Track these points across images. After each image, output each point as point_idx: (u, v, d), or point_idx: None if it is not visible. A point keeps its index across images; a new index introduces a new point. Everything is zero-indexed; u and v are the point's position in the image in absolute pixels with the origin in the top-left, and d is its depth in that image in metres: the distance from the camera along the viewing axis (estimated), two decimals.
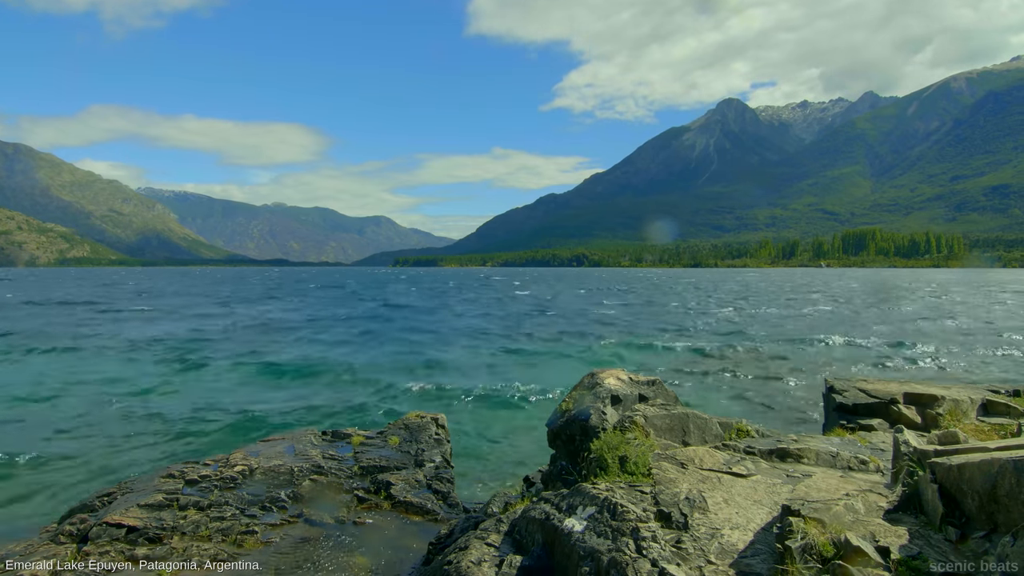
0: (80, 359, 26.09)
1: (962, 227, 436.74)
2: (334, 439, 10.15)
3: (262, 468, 8.50)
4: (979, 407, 7.50)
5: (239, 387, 20.92)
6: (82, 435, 14.80)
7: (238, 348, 29.38)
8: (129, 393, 19.36)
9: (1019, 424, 6.29)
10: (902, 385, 8.01)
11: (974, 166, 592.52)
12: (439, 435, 10.35)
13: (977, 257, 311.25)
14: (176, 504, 7.35)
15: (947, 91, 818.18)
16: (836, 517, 3.83)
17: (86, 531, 6.82)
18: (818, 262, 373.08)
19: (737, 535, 4.12)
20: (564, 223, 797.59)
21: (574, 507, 4.48)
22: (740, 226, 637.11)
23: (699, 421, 6.11)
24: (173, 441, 14.54)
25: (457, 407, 18.06)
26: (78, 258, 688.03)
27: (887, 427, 7.22)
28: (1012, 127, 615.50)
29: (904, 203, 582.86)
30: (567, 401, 6.84)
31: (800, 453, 5.50)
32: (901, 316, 46.17)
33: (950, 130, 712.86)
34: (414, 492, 8.35)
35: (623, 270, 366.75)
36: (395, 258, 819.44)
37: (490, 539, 4.96)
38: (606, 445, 5.26)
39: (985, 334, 34.40)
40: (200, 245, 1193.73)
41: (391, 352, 29.23)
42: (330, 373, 23.54)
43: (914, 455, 4.39)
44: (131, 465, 12.69)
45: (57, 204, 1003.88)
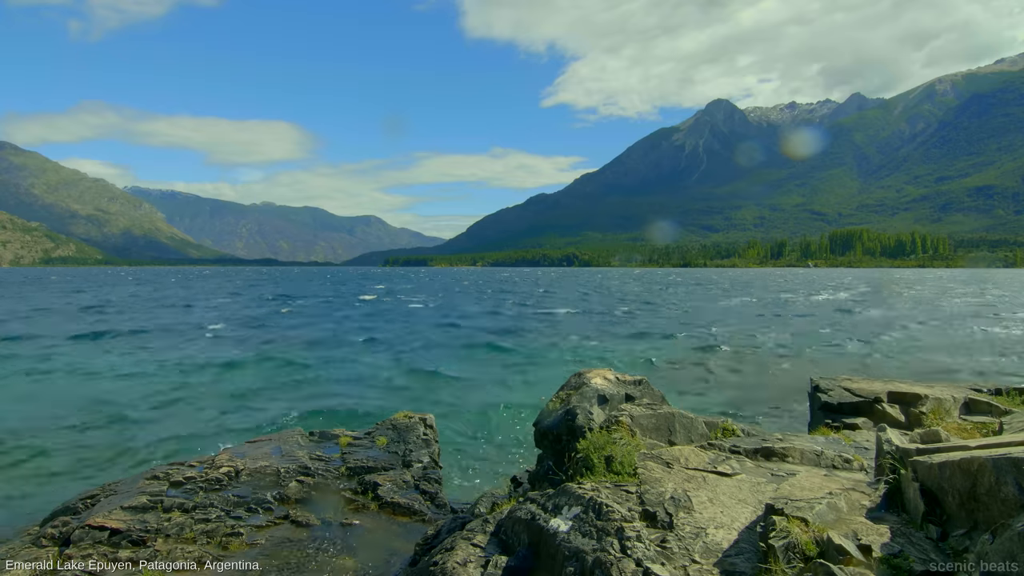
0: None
1: (947, 228, 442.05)
2: (321, 440, 10.09)
3: (248, 469, 8.44)
4: (962, 405, 7.59)
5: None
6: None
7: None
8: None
9: (1000, 422, 6.37)
10: (886, 384, 8.09)
11: (959, 167, 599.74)
12: (427, 435, 10.32)
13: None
14: (160, 506, 7.28)
15: (932, 93, 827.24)
16: (819, 516, 3.85)
17: (68, 534, 6.74)
18: (806, 262, 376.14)
19: (722, 534, 4.13)
20: (555, 223, 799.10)
21: (560, 507, 4.48)
22: (729, 226, 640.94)
23: (685, 420, 6.13)
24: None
25: (445, 407, 18.02)
26: (63, 258, 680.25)
27: (871, 426, 7.28)
28: (996, 129, 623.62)
29: (891, 204, 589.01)
30: (554, 401, 6.84)
31: (785, 452, 5.53)
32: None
33: (935, 132, 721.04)
34: (401, 493, 8.32)
35: (611, 270, 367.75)
36: (385, 258, 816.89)
37: (476, 539, 4.95)
38: (592, 445, 5.27)
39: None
40: (188, 245, 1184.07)
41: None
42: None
43: (896, 454, 4.42)
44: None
45: (42, 203, 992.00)
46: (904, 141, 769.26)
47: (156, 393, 19.04)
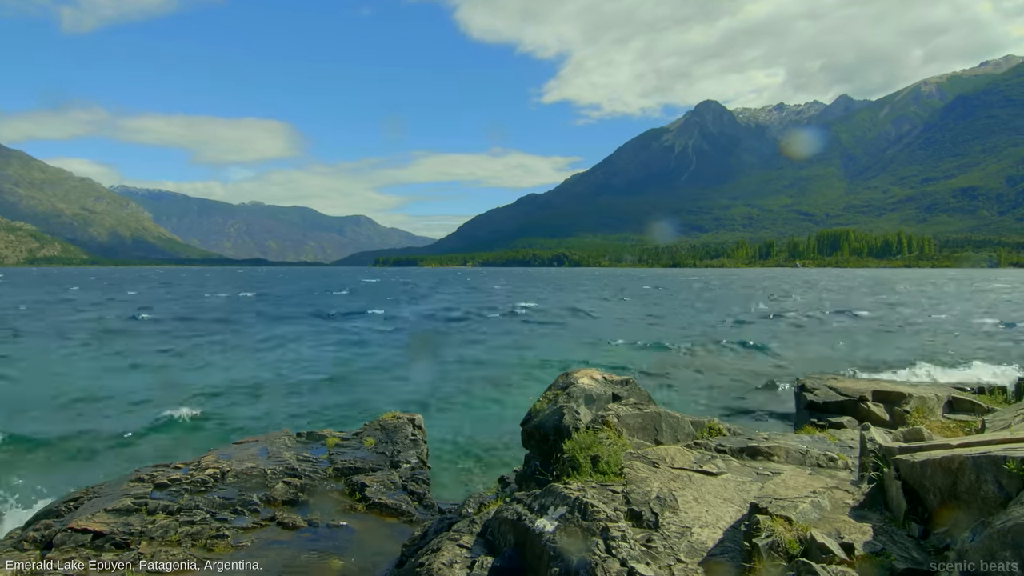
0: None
1: (932, 228, 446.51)
2: (309, 441, 10.04)
3: (234, 471, 8.37)
4: (945, 404, 7.67)
5: None
6: None
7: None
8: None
9: (983, 420, 6.44)
10: (871, 383, 8.16)
11: (944, 168, 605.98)
12: (415, 436, 10.29)
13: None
14: (145, 508, 7.20)
15: (918, 95, 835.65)
16: (803, 515, 3.88)
17: (51, 537, 6.65)
18: (794, 262, 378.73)
19: (707, 533, 4.15)
20: (545, 223, 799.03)
21: (546, 507, 4.48)
22: (718, 226, 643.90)
23: (671, 420, 6.15)
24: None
25: (434, 407, 17.98)
26: (48, 257, 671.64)
27: (856, 424, 7.34)
28: (980, 131, 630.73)
29: (877, 204, 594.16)
30: (541, 401, 6.84)
31: (770, 451, 5.56)
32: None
33: (921, 133, 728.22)
34: (389, 494, 8.28)
35: (602, 270, 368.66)
36: (375, 258, 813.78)
37: (462, 540, 4.94)
38: (579, 445, 5.27)
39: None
40: (176, 245, 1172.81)
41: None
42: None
43: (879, 452, 4.46)
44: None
45: (27, 202, 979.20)
46: (890, 142, 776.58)
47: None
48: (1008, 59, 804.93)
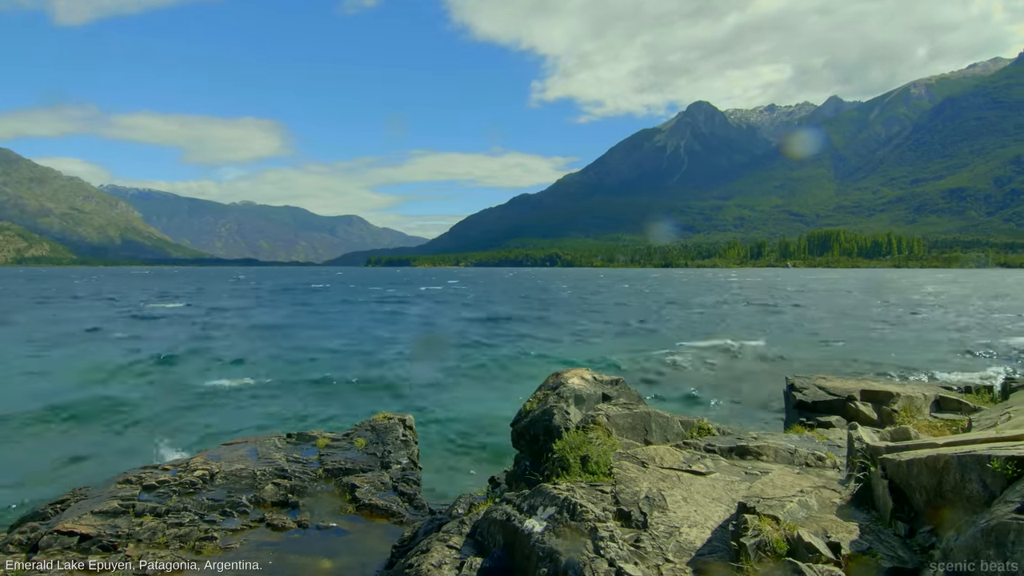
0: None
1: (922, 229, 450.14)
2: (299, 442, 9.99)
3: (223, 472, 8.32)
4: (932, 403, 7.73)
5: None
6: None
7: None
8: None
9: (970, 419, 6.49)
10: (859, 383, 8.21)
11: (933, 170, 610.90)
12: (406, 436, 10.26)
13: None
14: (132, 510, 7.15)
15: (907, 96, 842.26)
16: (790, 514, 3.89)
17: (36, 540, 6.59)
18: (785, 262, 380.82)
19: (695, 533, 4.15)
20: (537, 223, 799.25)
21: (535, 508, 4.48)
22: (710, 227, 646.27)
23: (661, 420, 6.16)
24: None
25: (426, 407, 17.94)
26: (36, 257, 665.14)
27: (845, 424, 7.38)
28: (968, 132, 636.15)
29: (867, 205, 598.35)
30: (531, 401, 6.84)
31: (759, 450, 5.58)
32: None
33: (910, 134, 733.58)
34: (380, 494, 8.26)
35: (596, 270, 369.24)
36: (368, 258, 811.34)
37: (452, 541, 4.93)
38: (568, 445, 5.27)
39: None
40: (166, 244, 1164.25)
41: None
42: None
43: (867, 451, 4.48)
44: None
45: (14, 202, 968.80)
46: (880, 143, 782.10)
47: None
48: (996, 61, 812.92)
